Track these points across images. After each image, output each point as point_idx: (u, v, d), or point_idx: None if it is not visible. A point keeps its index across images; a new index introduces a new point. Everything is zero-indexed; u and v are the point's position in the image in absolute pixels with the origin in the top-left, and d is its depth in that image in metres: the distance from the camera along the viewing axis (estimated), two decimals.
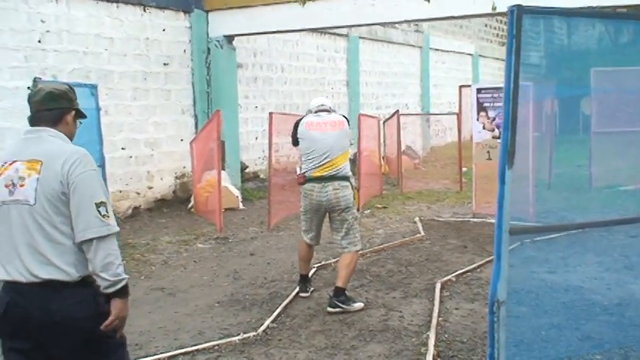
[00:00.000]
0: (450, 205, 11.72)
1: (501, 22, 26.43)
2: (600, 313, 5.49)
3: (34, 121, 3.01)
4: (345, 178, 6.13)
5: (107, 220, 2.84)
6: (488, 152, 9.75)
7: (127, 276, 2.92)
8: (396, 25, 18.31)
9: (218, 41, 11.84)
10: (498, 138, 9.79)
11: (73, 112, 3.08)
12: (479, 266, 7.30)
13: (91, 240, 2.80)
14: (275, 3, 10.75)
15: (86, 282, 2.88)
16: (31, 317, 2.83)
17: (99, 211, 2.83)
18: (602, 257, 7.37)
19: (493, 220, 9.70)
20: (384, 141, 14.76)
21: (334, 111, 6.38)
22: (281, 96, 14.13)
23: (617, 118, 13.07)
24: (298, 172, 6.30)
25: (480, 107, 9.90)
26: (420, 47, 20.22)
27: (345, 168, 6.14)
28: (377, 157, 13.52)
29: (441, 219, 10.33)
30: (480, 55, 24.43)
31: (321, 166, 6.07)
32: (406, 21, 10.57)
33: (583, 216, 10.07)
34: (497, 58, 26.16)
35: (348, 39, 16.54)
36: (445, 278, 6.74)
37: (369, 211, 11.06)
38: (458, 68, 22.98)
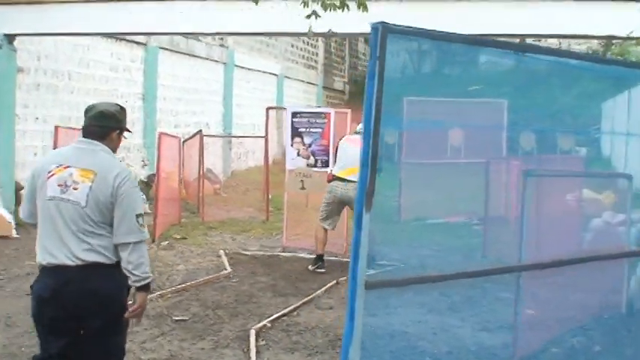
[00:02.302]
0: (257, 237, 11.39)
1: (307, 43, 26.89)
2: None
3: (86, 133, 3.81)
4: None
5: (142, 229, 3.72)
6: (302, 181, 9.53)
7: (152, 275, 3.86)
8: (200, 37, 17.83)
9: None
10: (314, 166, 9.66)
11: (118, 131, 3.88)
12: (295, 309, 6.99)
13: (128, 243, 3.65)
14: (70, 1, 9.82)
15: (118, 264, 3.71)
16: (72, 296, 3.61)
17: (138, 221, 3.69)
18: (422, 296, 7.33)
19: (304, 255, 9.58)
20: (182, 163, 14.16)
21: None
22: (66, 107, 13.03)
23: (425, 148, 13.58)
24: (328, 172, 9.07)
25: (295, 132, 9.69)
26: (225, 63, 19.85)
27: None
28: (176, 181, 12.90)
29: (247, 253, 9.95)
30: (286, 77, 24.58)
31: (345, 169, 8.63)
32: (218, 33, 10.16)
33: (395, 250, 10.21)
34: (302, 81, 26.53)
35: (146, 48, 15.76)
36: (260, 324, 6.34)
37: (166, 242, 10.39)
38: (263, 88, 22.90)
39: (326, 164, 9.64)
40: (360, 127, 9.14)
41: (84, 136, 3.81)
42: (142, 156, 15.96)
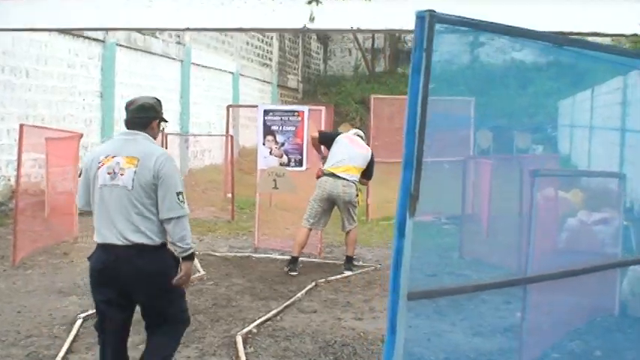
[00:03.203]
0: (224, 237, 11.07)
1: (262, 41, 26.52)
2: None
3: (129, 124, 4.29)
4: (352, 182, 8.54)
5: (183, 205, 4.10)
6: (274, 181, 9.25)
7: (194, 245, 4.25)
8: (157, 34, 17.36)
9: None
10: (287, 165, 9.39)
11: (158, 120, 4.36)
12: (278, 313, 6.72)
13: (171, 218, 4.05)
14: None
15: (163, 246, 4.18)
16: (120, 270, 4.05)
17: (178, 198, 4.07)
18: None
19: (277, 256, 9.31)
20: None
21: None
22: (24, 105, 12.44)
23: (392, 147, 13.44)
24: (319, 168, 8.76)
25: (267, 130, 9.41)
26: (182, 61, 19.38)
27: (354, 177, 8.58)
28: None
29: (218, 254, 9.64)
30: (241, 75, 24.17)
31: (338, 166, 8.48)
32: (188, 29, 9.75)
33: (367, 251, 10.02)
34: (258, 79, 26.15)
35: (104, 45, 15.21)
36: (245, 330, 6.05)
37: None
38: (219, 86, 22.44)
39: (300, 163, 9.38)
40: (354, 131, 9.38)
41: (127, 128, 4.28)
42: None
